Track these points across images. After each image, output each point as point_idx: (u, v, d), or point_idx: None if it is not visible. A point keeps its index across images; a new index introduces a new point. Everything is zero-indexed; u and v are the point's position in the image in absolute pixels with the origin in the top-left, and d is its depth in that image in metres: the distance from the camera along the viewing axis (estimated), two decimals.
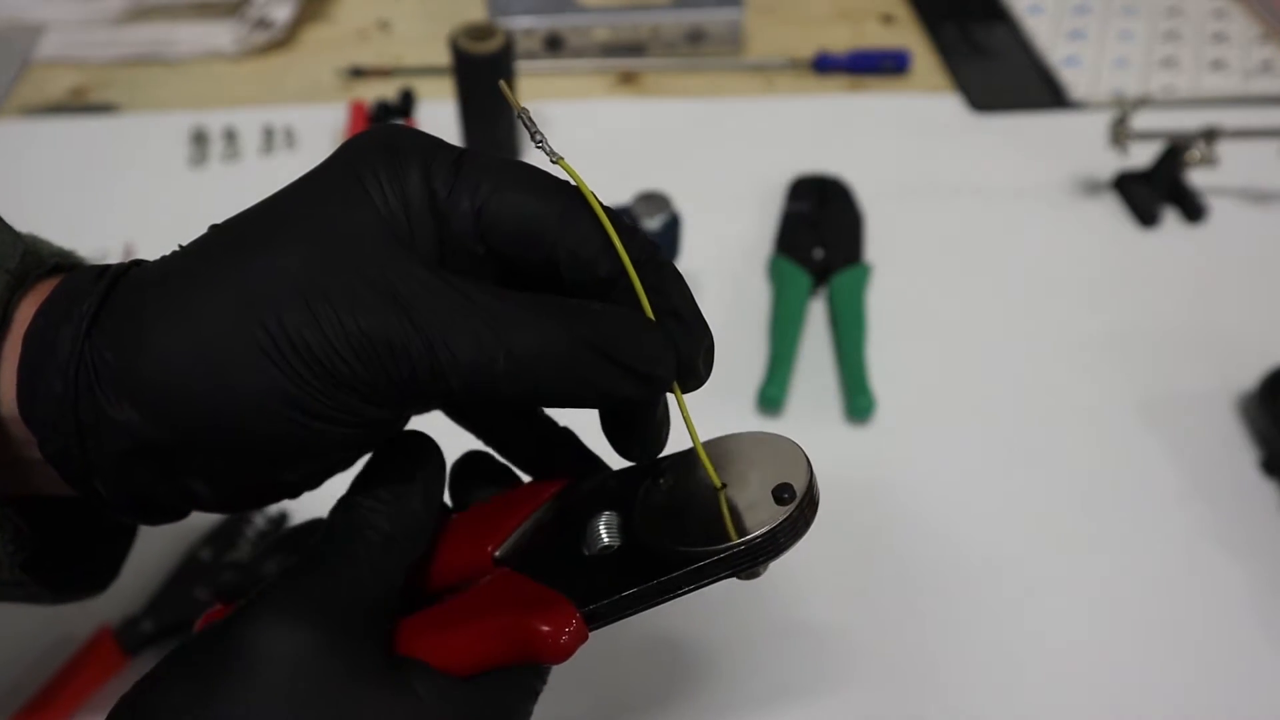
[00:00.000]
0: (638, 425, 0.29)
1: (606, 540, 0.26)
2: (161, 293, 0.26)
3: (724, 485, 0.25)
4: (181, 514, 0.29)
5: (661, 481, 0.28)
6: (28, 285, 0.27)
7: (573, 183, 0.26)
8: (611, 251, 0.26)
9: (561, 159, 0.26)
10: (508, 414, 0.33)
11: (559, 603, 0.25)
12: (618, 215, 0.27)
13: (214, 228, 0.27)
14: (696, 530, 0.25)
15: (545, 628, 0.24)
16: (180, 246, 0.28)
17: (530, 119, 0.26)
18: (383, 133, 0.27)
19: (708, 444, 0.28)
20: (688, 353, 0.26)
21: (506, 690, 0.27)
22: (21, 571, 0.28)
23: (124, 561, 0.33)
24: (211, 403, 0.24)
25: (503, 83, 0.28)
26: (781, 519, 0.27)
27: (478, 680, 0.26)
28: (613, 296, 0.27)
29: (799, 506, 0.27)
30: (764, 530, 0.26)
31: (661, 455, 0.30)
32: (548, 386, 0.25)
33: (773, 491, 0.27)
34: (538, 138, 0.26)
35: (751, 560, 0.26)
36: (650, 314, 0.26)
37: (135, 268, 0.27)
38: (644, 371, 0.25)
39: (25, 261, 0.27)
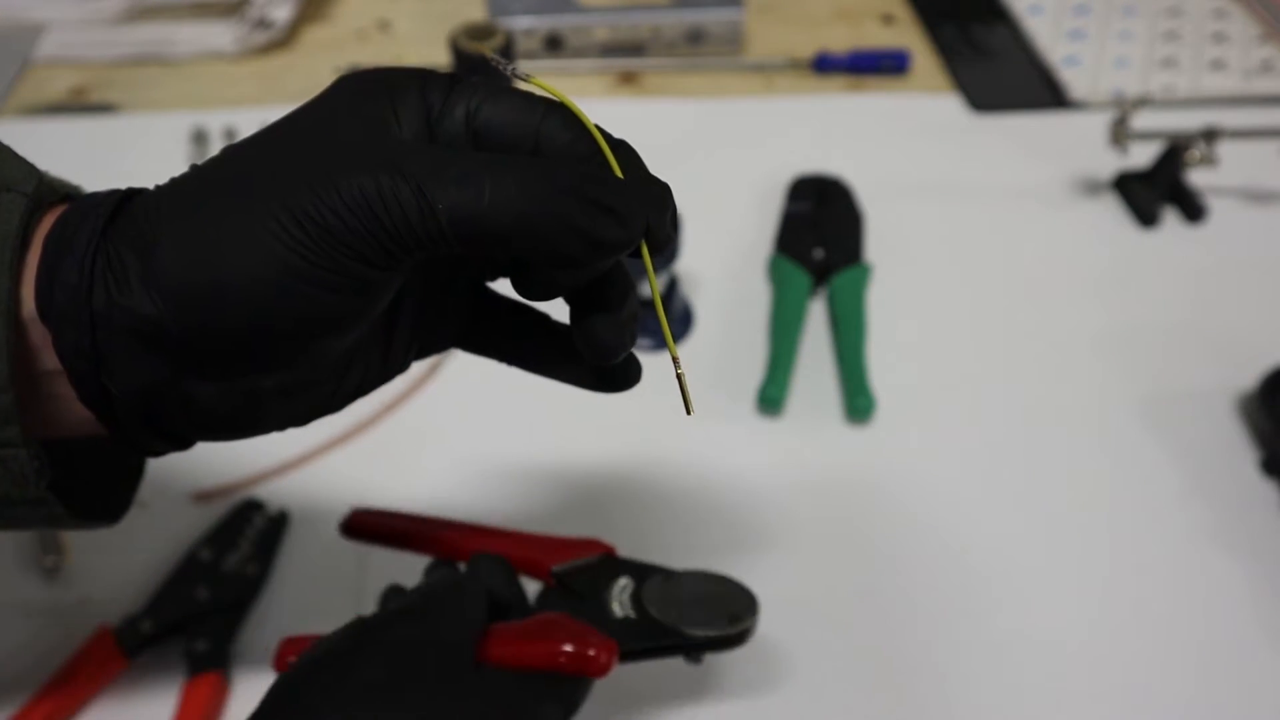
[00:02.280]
0: (607, 308, 0.30)
1: (622, 612, 0.38)
2: (173, 192, 0.28)
3: (677, 360, 0.30)
4: (185, 437, 0.31)
5: (661, 580, 0.39)
6: (43, 210, 0.29)
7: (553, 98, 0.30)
8: (585, 135, 0.29)
9: (536, 78, 0.30)
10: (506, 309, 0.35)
11: (606, 639, 0.35)
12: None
13: (225, 147, 0.29)
14: (688, 618, 0.37)
15: (593, 652, 0.34)
16: (193, 164, 0.30)
17: (503, 61, 0.30)
18: (378, 70, 0.30)
19: (687, 572, 0.40)
20: (655, 210, 0.28)
21: (557, 687, 0.35)
22: (47, 489, 0.29)
23: (134, 495, 0.34)
24: (215, 276, 0.26)
25: (476, 45, 0.30)
26: (741, 628, 0.38)
27: (538, 676, 0.34)
28: None
29: (748, 628, 0.39)
30: (732, 631, 0.38)
31: (654, 565, 0.40)
32: (532, 226, 0.26)
33: (729, 614, 0.38)
34: (519, 73, 0.30)
35: (718, 646, 0.38)
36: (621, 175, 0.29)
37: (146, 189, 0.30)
38: (621, 212, 0.27)
39: (40, 188, 0.29)
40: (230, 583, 0.48)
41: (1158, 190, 0.70)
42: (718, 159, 0.74)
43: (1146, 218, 0.70)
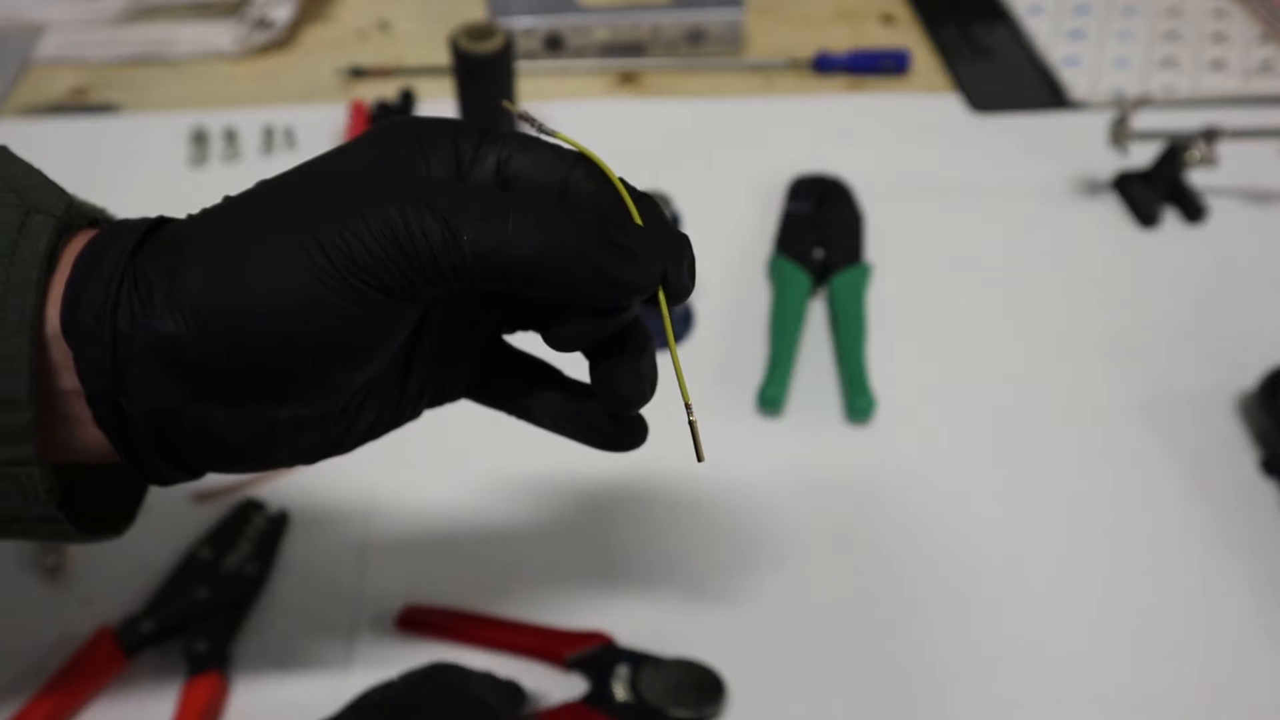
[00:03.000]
0: (627, 359, 0.31)
1: (624, 696, 0.45)
2: (204, 219, 0.29)
3: (690, 408, 0.30)
4: (194, 467, 0.31)
5: (652, 668, 0.46)
6: (72, 233, 0.29)
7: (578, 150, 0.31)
8: (609, 186, 0.30)
9: (567, 137, 0.31)
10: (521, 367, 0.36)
11: None
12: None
13: (260, 182, 0.30)
14: (674, 701, 0.45)
15: None
16: (227, 196, 0.30)
17: (533, 118, 0.31)
18: (412, 118, 0.31)
19: (671, 660, 0.47)
20: (674, 257, 0.29)
21: None
22: (57, 509, 0.29)
23: (139, 510, 0.34)
24: (238, 299, 0.27)
25: (506, 102, 0.33)
26: (713, 710, 0.45)
27: None
28: None
29: (718, 710, 0.46)
30: (706, 712, 0.45)
31: (644, 653, 0.47)
32: (552, 261, 0.27)
33: (704, 697, 0.46)
34: (546, 128, 0.31)
35: None
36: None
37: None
38: (640, 255, 0.28)
39: (70, 212, 0.29)
40: (230, 583, 0.48)
41: (1158, 190, 0.71)
42: (718, 159, 0.74)
43: (1146, 218, 0.70)
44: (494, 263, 0.27)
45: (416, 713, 0.37)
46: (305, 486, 0.53)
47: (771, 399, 0.57)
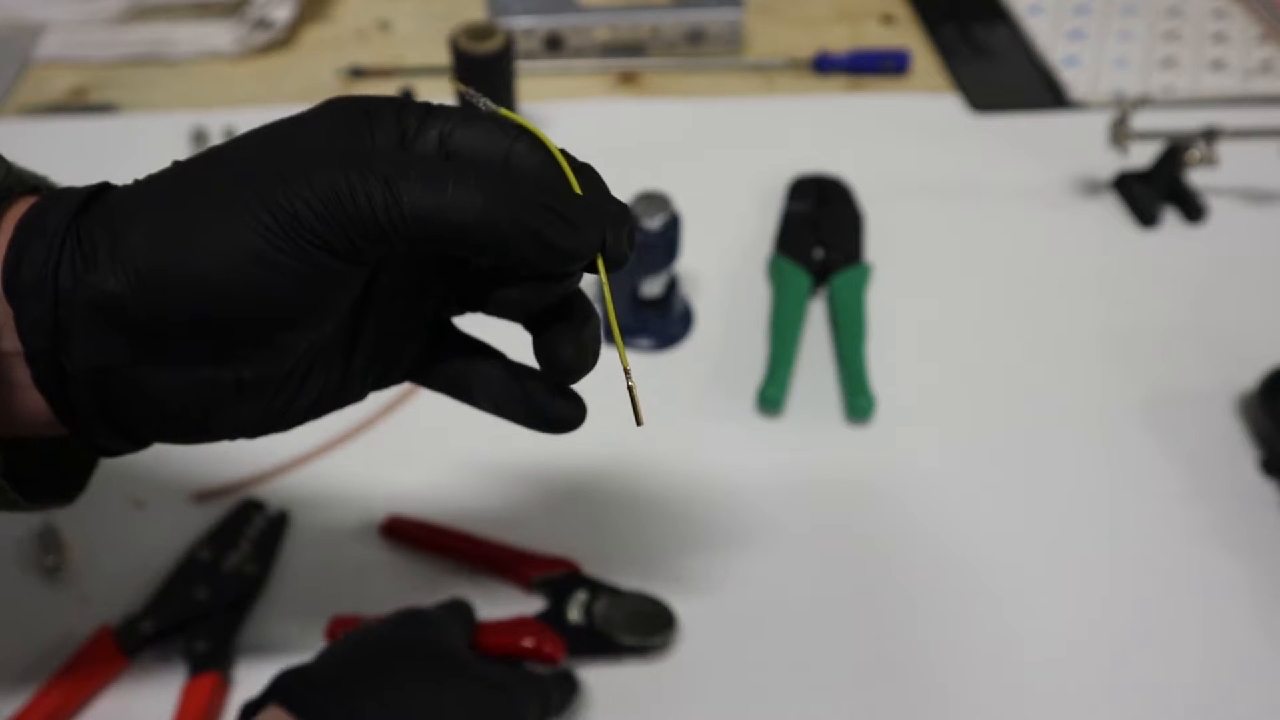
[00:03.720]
0: (568, 326, 0.31)
1: (576, 620, 0.48)
2: (150, 183, 0.29)
3: (629, 373, 0.31)
4: (138, 435, 0.31)
5: (609, 597, 0.48)
6: (11, 199, 0.29)
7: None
8: (552, 159, 0.30)
9: (511, 113, 0.31)
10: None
11: (559, 638, 0.46)
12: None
13: (208, 148, 0.30)
14: (622, 629, 0.47)
15: (548, 647, 0.45)
16: (175, 160, 0.31)
17: (476, 95, 0.32)
18: (358, 96, 0.31)
19: (631, 592, 0.49)
20: (613, 226, 0.29)
21: (529, 669, 0.45)
22: (2, 477, 0.30)
23: (89, 479, 0.34)
24: (183, 256, 0.27)
25: (453, 80, 0.32)
26: (660, 641, 0.47)
27: (512, 662, 0.45)
28: None
29: (666, 641, 0.48)
30: (653, 642, 0.47)
31: (609, 584, 0.49)
32: (490, 224, 0.27)
33: (654, 629, 0.48)
34: (490, 105, 0.31)
35: (640, 652, 0.47)
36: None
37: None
38: (577, 221, 0.28)
39: (9, 178, 0.29)
40: (230, 583, 0.48)
41: (1158, 190, 0.70)
42: (718, 159, 0.74)
43: (1146, 218, 0.70)
44: (433, 224, 0.27)
45: (392, 656, 0.39)
46: (305, 486, 0.53)
47: (771, 399, 0.57)
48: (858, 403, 0.57)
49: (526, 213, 0.28)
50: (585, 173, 0.30)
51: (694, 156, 0.74)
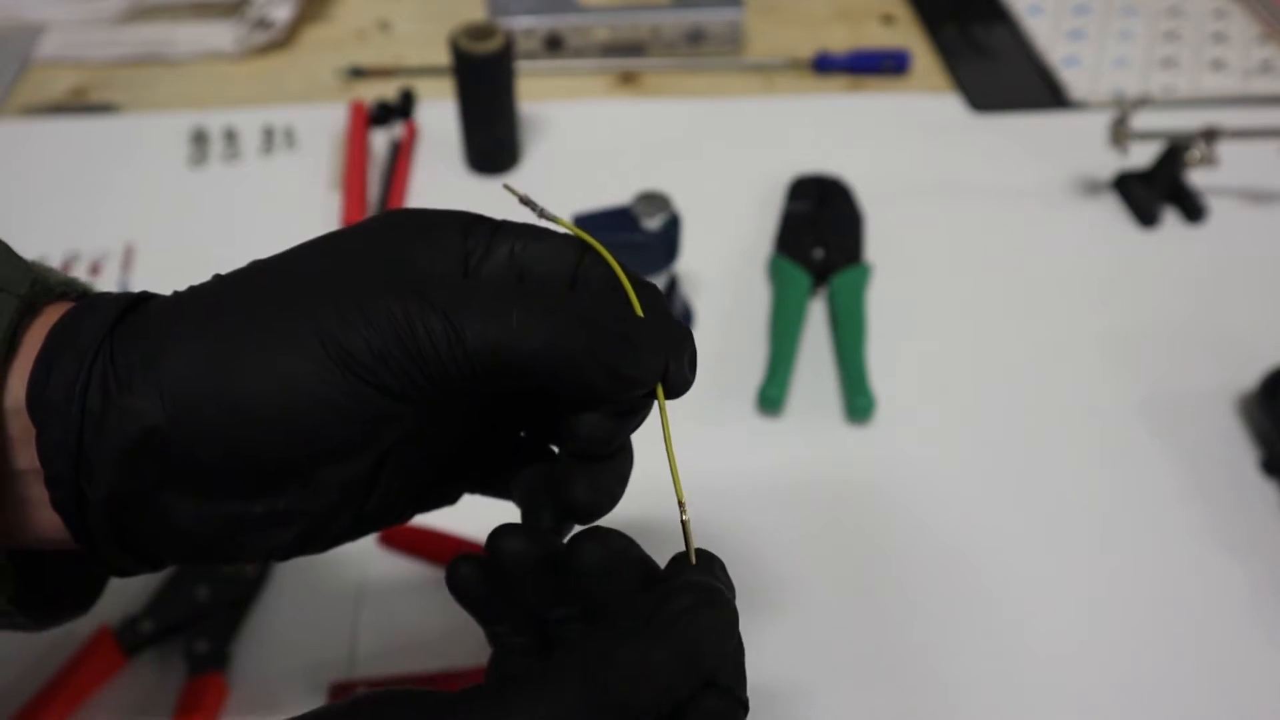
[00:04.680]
0: (599, 466, 0.30)
1: None
2: (191, 297, 0.27)
3: (683, 506, 0.28)
4: (156, 557, 0.29)
5: None
6: (37, 310, 0.27)
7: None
8: (613, 276, 0.29)
9: (567, 222, 0.30)
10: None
11: None
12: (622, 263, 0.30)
13: (252, 261, 0.28)
14: None
15: None
16: (217, 274, 0.29)
17: (533, 202, 0.31)
18: (419, 210, 0.29)
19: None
20: (675, 351, 0.28)
21: None
22: (9, 604, 0.28)
23: (99, 595, 0.32)
24: (223, 387, 0.25)
25: (506, 185, 0.32)
26: None
27: None
28: None
29: None
30: None
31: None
32: (555, 354, 0.26)
33: None
34: (547, 213, 0.30)
35: None
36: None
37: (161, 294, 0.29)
38: (642, 347, 0.27)
39: (34, 288, 0.27)
40: (230, 583, 0.48)
41: (1158, 190, 0.71)
42: (718, 159, 0.74)
43: (1146, 218, 0.70)
44: (497, 358, 0.26)
45: None
46: None
47: (771, 399, 0.57)
48: (858, 403, 0.57)
49: (592, 342, 0.26)
50: (647, 292, 0.29)
51: (694, 156, 0.74)
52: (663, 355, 0.27)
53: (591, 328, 0.26)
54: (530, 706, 0.24)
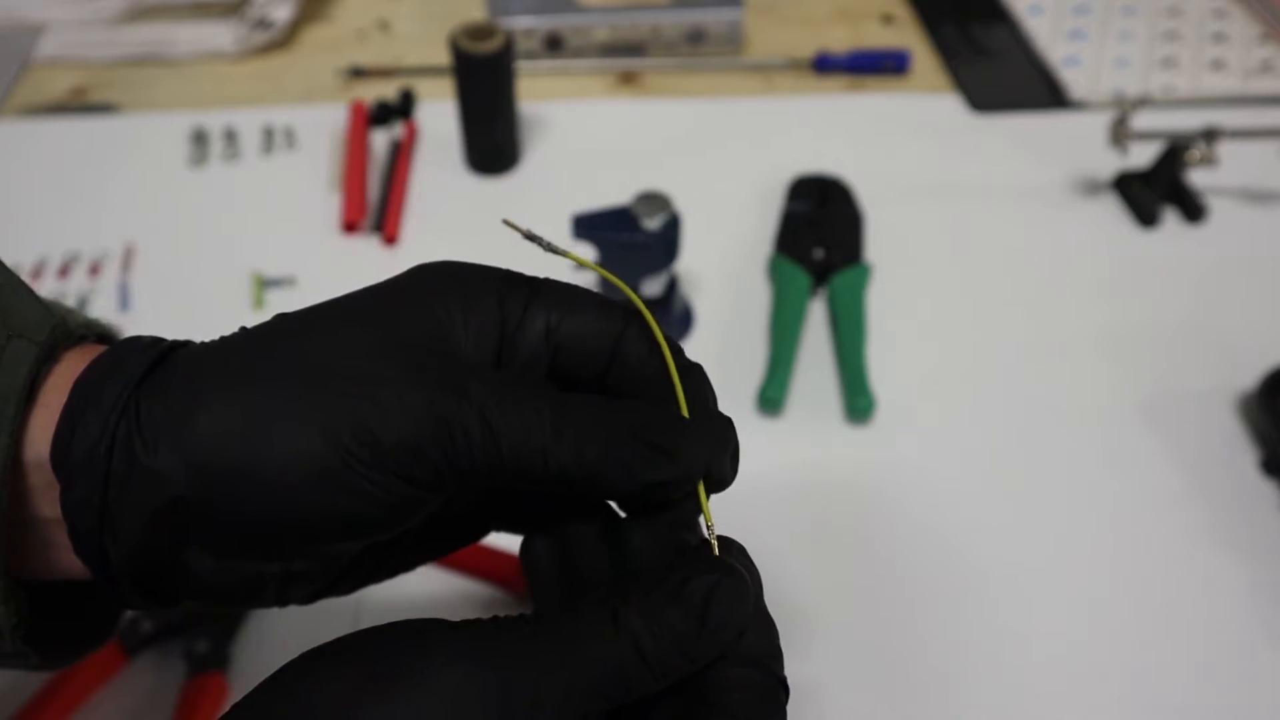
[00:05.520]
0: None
1: None
2: (219, 360, 0.27)
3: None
4: (172, 601, 0.29)
5: None
6: (56, 357, 0.27)
7: (626, 301, 0.29)
8: (658, 356, 0.28)
9: (577, 255, 0.29)
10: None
11: None
12: (666, 334, 0.29)
13: (278, 315, 0.28)
14: None
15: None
16: (243, 327, 0.28)
17: (538, 237, 0.29)
18: (455, 267, 0.29)
19: None
20: (717, 451, 0.27)
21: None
22: (23, 644, 0.28)
23: (111, 633, 0.32)
24: (251, 461, 0.25)
25: (506, 220, 0.30)
26: None
27: None
28: (647, 397, 0.29)
29: None
30: None
31: None
32: (590, 462, 0.26)
33: None
34: (555, 247, 0.29)
35: None
36: (686, 413, 0.28)
37: (191, 343, 0.28)
38: (682, 455, 0.26)
39: (55, 334, 0.27)
40: None
41: (1158, 190, 0.71)
42: (718, 159, 0.74)
43: (1146, 218, 0.70)
44: (532, 463, 0.25)
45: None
46: None
47: (771, 399, 0.57)
48: (858, 403, 0.57)
49: (630, 455, 0.26)
50: (693, 379, 0.28)
51: (694, 156, 0.74)
52: (703, 460, 0.27)
53: (628, 441, 0.26)
54: (562, 649, 0.24)
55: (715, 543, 0.27)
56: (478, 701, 0.23)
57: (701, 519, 0.28)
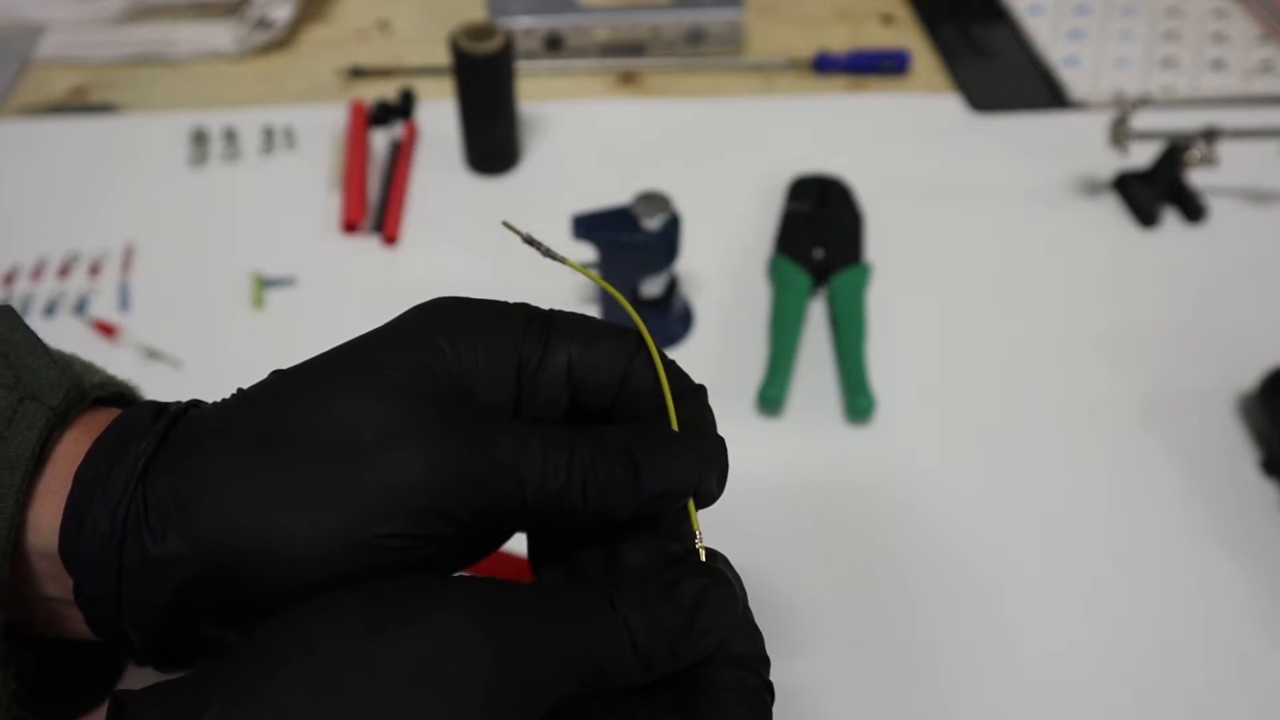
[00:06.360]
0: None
1: None
2: (225, 439, 0.26)
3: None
4: (191, 662, 0.29)
5: None
6: (68, 421, 0.27)
7: (632, 326, 0.30)
8: (659, 386, 0.29)
9: (574, 262, 0.30)
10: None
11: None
12: (665, 356, 0.30)
13: (277, 372, 0.28)
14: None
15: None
16: (240, 390, 0.28)
17: (538, 242, 0.30)
18: (462, 302, 0.29)
19: None
20: (706, 468, 0.28)
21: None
22: (21, 709, 0.27)
23: (111, 689, 0.32)
24: (266, 544, 0.25)
25: (505, 223, 0.30)
26: None
27: None
28: (648, 415, 0.29)
29: None
30: None
31: None
32: (606, 497, 0.26)
33: None
34: (553, 252, 0.30)
35: None
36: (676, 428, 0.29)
37: (193, 409, 0.28)
38: (679, 475, 0.27)
39: (69, 397, 0.27)
40: None
41: (1158, 190, 0.71)
42: (717, 159, 0.74)
43: (1146, 218, 0.70)
44: (551, 505, 0.26)
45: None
46: None
47: (771, 399, 0.57)
48: (858, 403, 0.57)
49: (640, 486, 0.26)
50: (694, 397, 0.29)
51: (694, 156, 0.74)
52: (695, 477, 0.27)
53: (638, 471, 0.26)
54: (558, 617, 0.25)
55: (702, 551, 0.28)
56: (469, 652, 0.24)
57: (692, 529, 0.28)
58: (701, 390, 0.30)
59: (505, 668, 0.24)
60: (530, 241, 0.30)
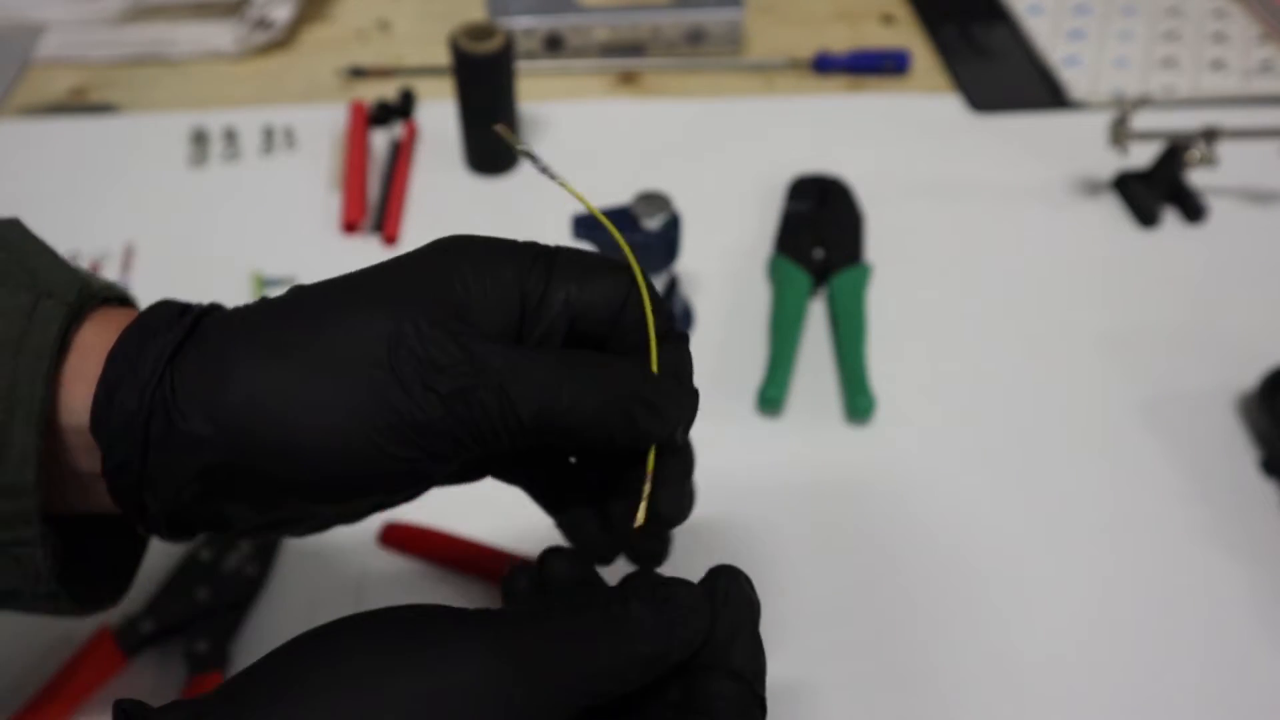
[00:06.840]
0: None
1: None
2: (249, 331, 0.28)
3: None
4: (194, 535, 0.31)
5: None
6: (82, 317, 0.29)
7: (626, 260, 0.31)
8: (644, 324, 0.31)
9: (571, 187, 0.31)
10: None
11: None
12: (654, 291, 0.31)
13: (298, 287, 0.30)
14: None
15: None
16: (264, 298, 0.30)
17: (535, 156, 0.32)
18: (472, 238, 0.30)
19: None
20: (687, 417, 0.31)
21: None
22: (57, 584, 0.29)
23: (135, 575, 0.35)
24: (285, 432, 0.27)
25: (501, 127, 0.33)
26: None
27: None
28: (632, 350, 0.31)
29: None
30: None
31: None
32: (597, 421, 0.28)
33: None
34: (550, 170, 0.31)
35: None
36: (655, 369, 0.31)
37: (216, 310, 0.30)
38: (666, 414, 0.30)
39: (81, 295, 0.29)
40: (230, 583, 0.48)
41: (1158, 190, 0.71)
42: (717, 159, 0.74)
43: (1146, 218, 0.70)
44: (548, 424, 0.28)
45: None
46: None
47: (771, 399, 0.57)
48: (858, 403, 0.57)
49: (632, 410, 0.28)
50: (675, 344, 0.31)
51: (694, 156, 0.74)
52: (678, 421, 0.30)
53: (630, 399, 0.28)
54: (571, 643, 0.27)
55: (646, 499, 0.31)
56: (490, 679, 0.25)
57: (644, 471, 0.31)
58: (684, 339, 0.31)
59: (525, 693, 0.25)
60: (527, 155, 0.32)
